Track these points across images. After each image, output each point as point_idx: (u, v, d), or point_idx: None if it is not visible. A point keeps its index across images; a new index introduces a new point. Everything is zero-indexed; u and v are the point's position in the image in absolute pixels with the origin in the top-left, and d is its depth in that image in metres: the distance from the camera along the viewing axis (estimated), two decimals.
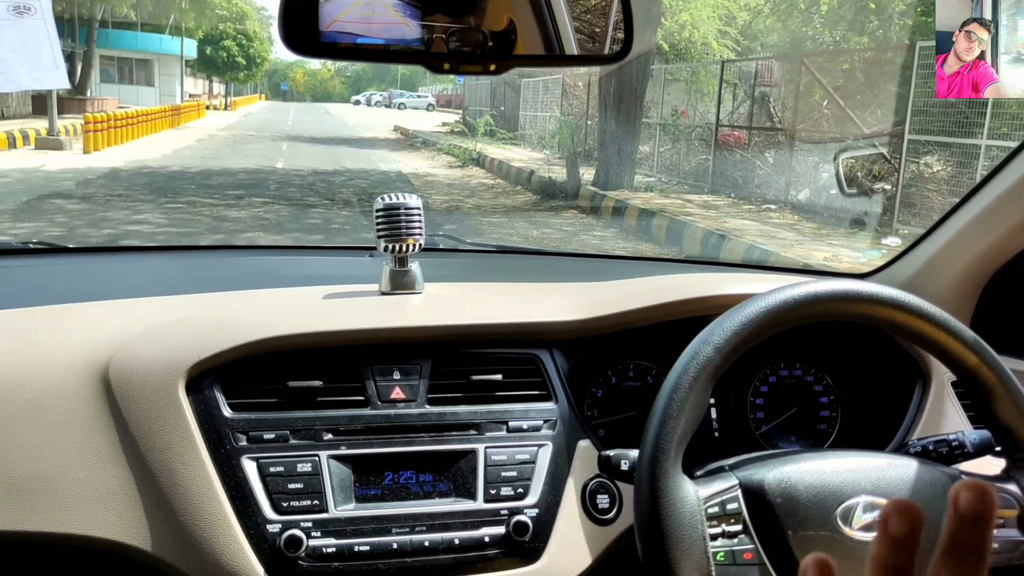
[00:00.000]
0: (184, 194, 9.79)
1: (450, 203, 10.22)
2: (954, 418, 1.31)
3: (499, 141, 17.15)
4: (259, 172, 12.38)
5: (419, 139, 20.25)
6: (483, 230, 8.31)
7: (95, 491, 1.06)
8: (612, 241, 8.14)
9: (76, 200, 8.96)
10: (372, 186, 11.47)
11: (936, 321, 1.00)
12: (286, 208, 9.05)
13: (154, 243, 6.80)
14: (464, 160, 15.12)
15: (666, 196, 10.02)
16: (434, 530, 1.10)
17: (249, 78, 42.65)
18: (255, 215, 8.46)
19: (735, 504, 0.97)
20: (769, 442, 1.40)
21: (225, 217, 8.26)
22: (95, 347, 1.15)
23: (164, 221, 7.91)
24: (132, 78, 32.74)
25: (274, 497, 1.07)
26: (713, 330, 0.97)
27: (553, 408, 1.21)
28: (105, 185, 10.33)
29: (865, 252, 6.58)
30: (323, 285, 1.36)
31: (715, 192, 10.22)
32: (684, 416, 0.94)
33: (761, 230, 7.66)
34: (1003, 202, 1.31)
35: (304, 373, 1.15)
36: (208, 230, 7.52)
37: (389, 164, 14.67)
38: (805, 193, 8.83)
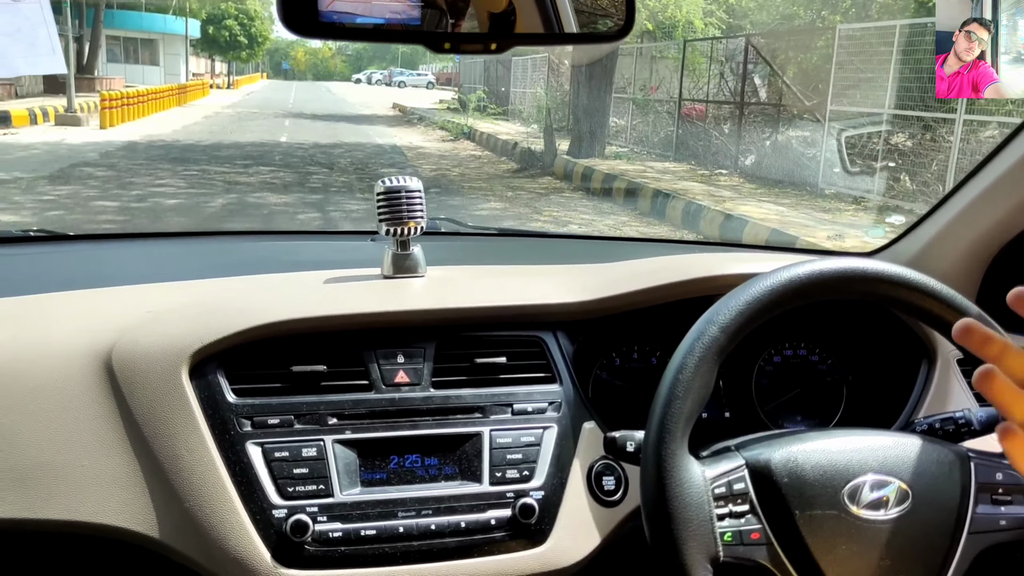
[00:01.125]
0: (198, 163, 10.94)
1: (438, 172, 11.36)
2: (960, 396, 1.30)
3: (489, 116, 18.27)
4: (264, 145, 13.51)
5: (416, 115, 21.30)
6: (463, 192, 9.47)
7: (99, 478, 1.07)
8: (577, 201, 9.29)
9: (103, 168, 10.13)
10: (367, 156, 12.61)
11: (941, 298, 1.00)
12: (290, 175, 10.21)
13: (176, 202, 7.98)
14: (456, 134, 16.24)
15: (631, 163, 11.19)
16: (440, 513, 1.10)
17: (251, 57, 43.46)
18: (263, 180, 9.64)
19: (742, 484, 0.97)
20: (775, 422, 1.40)
21: (236, 182, 9.43)
22: (98, 334, 1.15)
23: (184, 184, 9.09)
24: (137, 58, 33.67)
25: (279, 482, 1.07)
26: (718, 310, 0.97)
27: (558, 390, 1.21)
28: (125, 156, 11.47)
29: (869, 231, 6.69)
30: (325, 270, 1.36)
31: (677, 160, 11.37)
32: (690, 396, 0.94)
33: (704, 190, 8.82)
34: (1008, 179, 1.31)
35: (308, 358, 1.15)
36: (223, 192, 8.69)
37: (385, 138, 15.77)
38: (752, 159, 9.98)
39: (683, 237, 7.23)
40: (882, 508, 0.96)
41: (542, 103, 14.51)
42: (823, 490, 0.96)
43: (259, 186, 9.18)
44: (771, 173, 9.53)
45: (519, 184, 10.33)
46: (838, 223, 7.36)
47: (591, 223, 7.90)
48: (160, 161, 11.04)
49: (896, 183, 8.13)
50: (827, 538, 0.95)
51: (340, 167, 11.19)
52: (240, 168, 10.59)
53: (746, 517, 0.95)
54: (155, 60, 34.31)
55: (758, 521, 0.95)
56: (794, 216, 7.56)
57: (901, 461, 0.99)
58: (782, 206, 8.06)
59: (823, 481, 0.96)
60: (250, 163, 11.07)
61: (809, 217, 7.55)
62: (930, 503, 0.98)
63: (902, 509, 0.97)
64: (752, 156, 9.95)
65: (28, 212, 7.24)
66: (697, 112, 11.50)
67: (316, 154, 12.53)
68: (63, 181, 8.98)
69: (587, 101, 11.59)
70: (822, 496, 0.96)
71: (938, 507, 0.98)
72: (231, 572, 1.04)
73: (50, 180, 8.98)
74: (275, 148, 13.17)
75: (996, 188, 1.33)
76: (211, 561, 1.05)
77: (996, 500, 0.99)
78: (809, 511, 0.95)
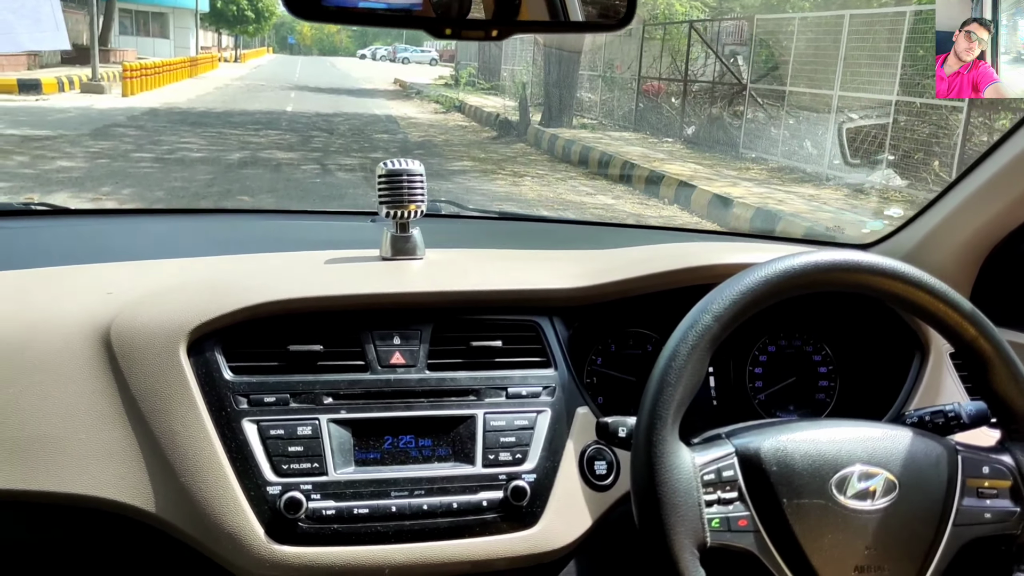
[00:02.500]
0: (214, 127, 12.64)
1: (425, 138, 13.05)
2: (951, 389, 1.32)
3: (479, 91, 19.94)
4: (272, 113, 15.20)
5: (414, 90, 22.92)
6: (443, 154, 11.17)
7: (96, 451, 1.08)
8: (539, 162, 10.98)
9: (133, 128, 11.84)
10: (364, 124, 14.29)
11: (935, 293, 1.01)
12: (295, 137, 11.90)
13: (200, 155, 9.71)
14: (448, 107, 17.91)
15: (593, 133, 12.89)
16: (433, 494, 1.12)
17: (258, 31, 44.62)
18: (271, 140, 11.35)
19: (731, 471, 0.97)
20: (767, 411, 1.43)
21: (248, 141, 11.14)
22: (97, 309, 1.17)
23: (204, 143, 10.80)
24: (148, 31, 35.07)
25: (274, 460, 1.09)
26: (713, 298, 0.98)
27: (552, 375, 1.22)
28: (149, 120, 13.17)
29: (868, 223, 6.93)
30: (325, 250, 1.38)
31: (635, 131, 13.06)
32: (682, 383, 0.95)
33: (644, 154, 10.52)
34: (1004, 176, 1.33)
35: (305, 337, 1.16)
36: (238, 149, 10.39)
37: (382, 110, 17.42)
38: (692, 129, 11.70)
39: (643, 200, 8.92)
40: (869, 498, 0.98)
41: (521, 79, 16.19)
42: (811, 479, 0.97)
43: (268, 145, 10.90)
44: (705, 141, 11.26)
45: (493, 149, 12.03)
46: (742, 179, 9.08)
47: (543, 176, 9.61)
48: (181, 124, 12.74)
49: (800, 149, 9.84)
50: (814, 527, 0.97)
51: (339, 132, 12.88)
52: (251, 131, 12.29)
53: (734, 504, 0.96)
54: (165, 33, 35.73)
55: (746, 508, 0.96)
56: (705, 172, 9.26)
57: (889, 453, 1.00)
58: (701, 166, 9.76)
59: (811, 470, 0.98)
60: (260, 127, 12.77)
61: (718, 175, 9.26)
62: (916, 495, 1.00)
63: (889, 500, 0.98)
64: (693, 127, 11.67)
65: (81, 159, 8.96)
66: (654, 89, 13.17)
67: (318, 121, 14.21)
68: (102, 138, 10.69)
69: (557, 77, 13.32)
70: (810, 485, 0.97)
71: (924, 499, 1.00)
72: (225, 547, 1.06)
73: (91, 136, 10.70)
74: (281, 116, 14.86)
75: (992, 185, 1.35)
76: (205, 536, 1.06)
77: (982, 494, 1.02)
78: (797, 499, 0.97)
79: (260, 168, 9.00)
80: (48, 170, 8.18)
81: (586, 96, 15.47)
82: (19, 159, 8.67)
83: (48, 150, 9.34)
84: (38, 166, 8.36)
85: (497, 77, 21.04)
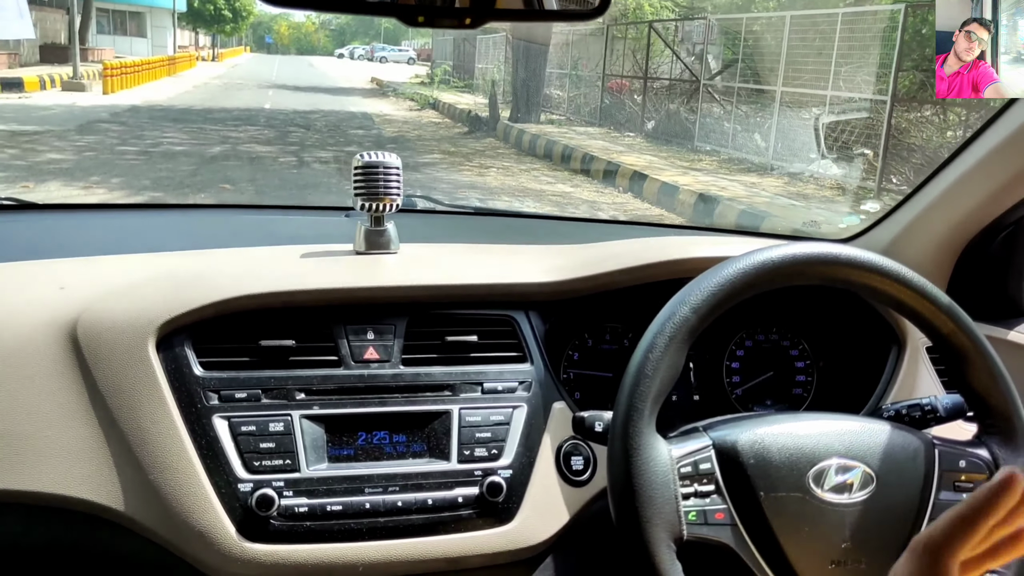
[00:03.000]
0: (195, 123, 13.16)
1: (399, 133, 13.64)
2: (928, 383, 1.34)
3: (453, 89, 20.56)
4: (250, 110, 15.72)
5: (391, 88, 23.49)
6: (415, 148, 11.77)
7: (63, 449, 1.07)
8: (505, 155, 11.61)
9: (116, 124, 12.34)
10: (340, 120, 14.86)
11: (912, 286, 1.02)
12: (273, 132, 12.46)
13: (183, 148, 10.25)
14: (423, 104, 18.50)
15: (559, 128, 13.57)
16: (407, 490, 1.11)
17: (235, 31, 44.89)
18: (251, 135, 11.90)
19: (708, 464, 0.98)
20: (745, 406, 1.43)
21: (228, 136, 11.68)
22: (63, 305, 1.15)
23: (186, 137, 11.33)
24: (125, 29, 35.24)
25: (245, 456, 1.08)
26: (690, 290, 0.98)
27: (528, 370, 1.22)
28: (131, 116, 13.66)
29: (845, 218, 7.03)
30: (298, 244, 1.37)
31: (600, 126, 13.74)
32: (659, 376, 0.95)
33: (604, 147, 11.19)
34: (979, 170, 1.35)
35: (277, 332, 1.16)
36: (219, 143, 10.94)
37: (358, 107, 17.96)
38: (652, 124, 12.40)
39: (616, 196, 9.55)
40: (846, 492, 0.99)
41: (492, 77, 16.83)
42: (788, 472, 0.98)
43: (247, 140, 11.45)
44: (663, 135, 11.96)
45: (463, 143, 12.65)
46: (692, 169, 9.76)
47: (508, 168, 10.24)
48: (162, 120, 13.25)
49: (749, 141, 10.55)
50: (791, 520, 0.97)
51: (316, 128, 13.44)
52: (231, 126, 12.83)
53: (711, 497, 0.96)
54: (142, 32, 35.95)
55: (723, 501, 0.96)
56: (660, 164, 9.93)
57: (866, 446, 1.01)
58: (657, 158, 10.44)
59: (789, 464, 0.98)
60: (239, 123, 13.31)
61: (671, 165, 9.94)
62: (894, 488, 1.00)
63: (866, 493, 0.99)
64: (653, 122, 12.36)
65: (69, 152, 9.48)
66: (618, 86, 13.86)
67: (296, 118, 14.75)
68: (88, 133, 11.20)
69: (525, 75, 13.97)
70: (787, 478, 0.97)
71: (901, 492, 1.01)
72: (195, 546, 1.05)
73: (77, 131, 11.21)
74: (260, 113, 15.39)
75: (968, 179, 1.36)
76: (175, 534, 1.05)
77: (958, 487, 1.03)
78: (774, 493, 0.97)
79: (240, 160, 9.56)
80: (39, 162, 8.71)
81: (555, 93, 16.14)
82: (10, 152, 9.19)
83: (37, 144, 9.86)
84: (29, 159, 8.88)
85: (471, 75, 21.66)
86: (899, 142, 8.41)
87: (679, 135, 11.65)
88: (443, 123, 15.69)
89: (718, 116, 11.25)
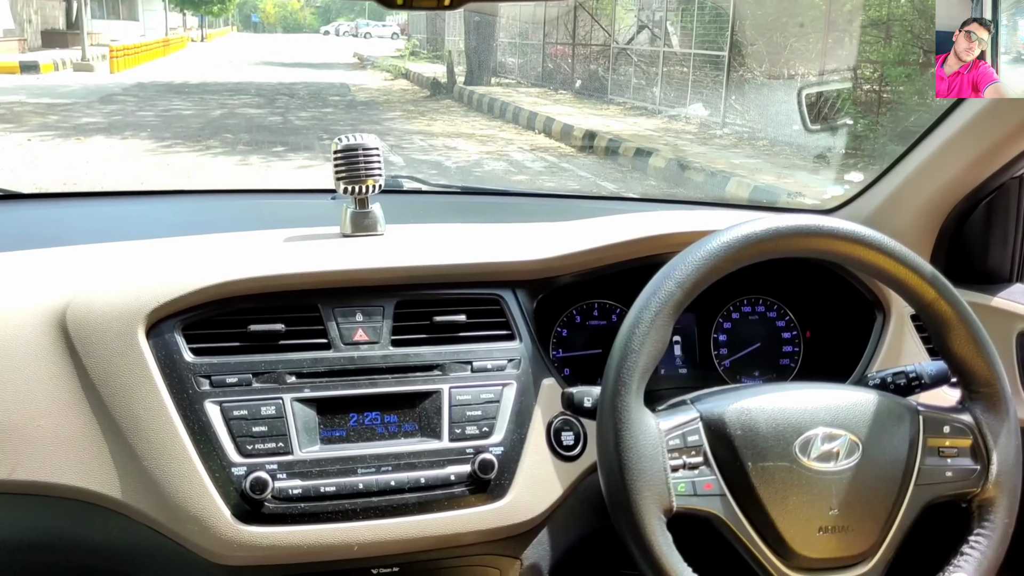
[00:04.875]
0: (196, 94, 15.70)
1: (369, 98, 16.16)
2: (912, 351, 1.37)
3: (422, 59, 23.10)
4: (242, 83, 18.18)
5: (370, 62, 25.94)
6: (380, 108, 14.33)
7: (56, 438, 1.10)
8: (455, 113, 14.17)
9: (130, 96, 14.87)
10: (320, 89, 17.37)
11: (895, 255, 1.05)
12: (262, 99, 15.00)
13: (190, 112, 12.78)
14: (396, 74, 21.01)
15: (505, 89, 16.17)
16: (400, 469, 1.14)
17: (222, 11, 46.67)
18: (244, 102, 14.45)
19: (696, 437, 1.01)
20: (733, 377, 1.48)
21: (225, 103, 14.22)
22: (52, 293, 1.17)
23: (190, 104, 13.88)
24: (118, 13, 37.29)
25: (238, 440, 1.11)
26: (675, 265, 1.01)
27: (518, 347, 1.25)
28: (140, 90, 16.16)
29: (829, 188, 7.23)
30: (284, 228, 1.40)
31: (541, 87, 16.38)
32: (645, 350, 0.99)
33: (535, 102, 13.82)
34: (959, 139, 1.38)
35: (266, 317, 1.18)
36: (217, 107, 13.47)
37: (338, 79, 20.34)
38: (579, 83, 15.05)
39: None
40: (832, 460, 1.02)
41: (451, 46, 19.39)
42: (775, 442, 1.01)
43: (241, 105, 14.02)
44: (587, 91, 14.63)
45: (423, 104, 15.24)
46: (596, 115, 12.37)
47: (452, 120, 12.83)
48: (167, 93, 15.78)
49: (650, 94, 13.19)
50: (779, 489, 1.01)
51: (299, 96, 15.97)
52: (227, 96, 15.37)
53: (700, 469, 1.00)
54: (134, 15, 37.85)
55: (711, 473, 1.00)
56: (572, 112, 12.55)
57: (852, 414, 1.05)
58: (573, 108, 13.08)
59: (775, 434, 1.02)
60: (233, 93, 15.85)
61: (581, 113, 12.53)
62: (879, 455, 1.04)
63: (852, 461, 1.03)
64: (580, 81, 15.03)
65: (99, 116, 12.03)
66: (558, 52, 16.47)
67: (281, 88, 17.23)
68: (108, 103, 13.75)
69: (476, 43, 16.61)
70: (774, 448, 1.01)
71: (887, 459, 1.04)
72: (191, 530, 1.08)
73: (100, 102, 13.77)
74: (250, 85, 17.87)
75: (948, 148, 1.40)
76: (171, 519, 1.08)
77: (943, 453, 1.07)
78: (761, 463, 1.00)
79: (237, 119, 12.13)
80: (79, 124, 11.27)
81: (509, 60, 18.77)
82: (54, 118, 11.74)
83: (72, 111, 12.41)
84: (70, 122, 11.44)
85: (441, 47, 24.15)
86: (736, 94, 11.03)
87: (598, 91, 14.33)
88: (411, 90, 18.20)
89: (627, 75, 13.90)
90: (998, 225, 1.51)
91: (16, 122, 11.08)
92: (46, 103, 13.20)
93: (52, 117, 11.81)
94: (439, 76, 18.14)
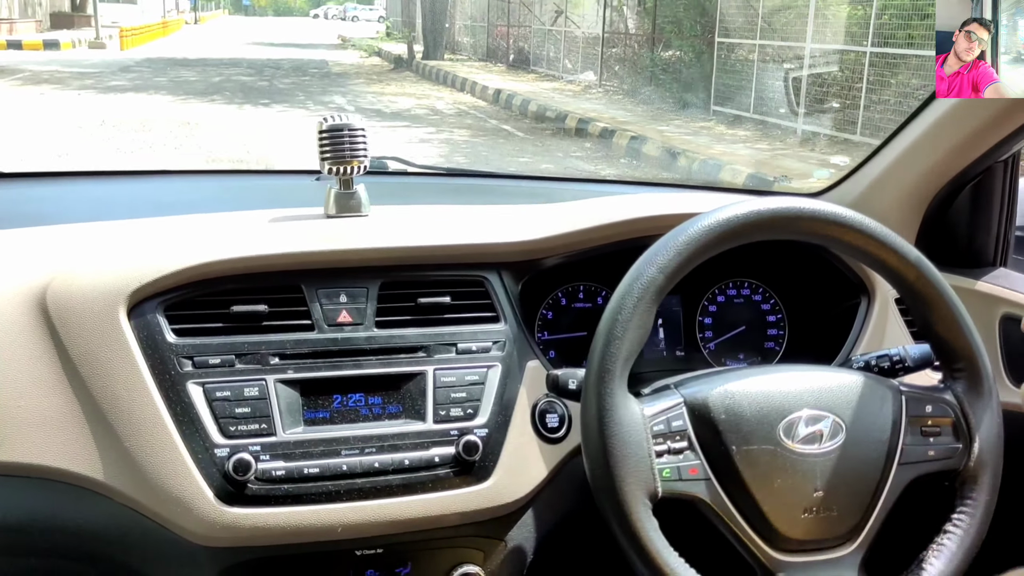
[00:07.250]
0: (196, 66, 19.29)
1: (342, 72, 19.66)
2: (896, 334, 1.40)
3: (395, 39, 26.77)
4: (235, 59, 21.76)
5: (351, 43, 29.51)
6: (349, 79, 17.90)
7: (38, 419, 1.11)
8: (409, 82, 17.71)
9: (144, 68, 18.41)
10: (302, 64, 20.90)
11: (878, 238, 1.07)
12: (253, 70, 18.57)
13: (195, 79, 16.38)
14: (370, 52, 24.63)
15: (454, 63, 19.87)
16: (384, 451, 1.16)
17: None
18: (237, 72, 18.03)
19: (680, 422, 1.03)
20: (717, 361, 1.50)
21: (222, 72, 17.76)
22: (32, 274, 1.18)
23: (193, 74, 17.42)
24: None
25: (221, 422, 1.12)
26: (657, 250, 1.03)
27: (502, 329, 1.26)
28: (151, 63, 19.72)
29: (815, 172, 7.56)
30: (268, 208, 1.41)
31: (485, 61, 20.09)
32: (628, 336, 1.00)
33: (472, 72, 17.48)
34: (944, 124, 1.41)
35: (249, 297, 1.19)
36: (216, 75, 17.08)
37: (320, 56, 23.91)
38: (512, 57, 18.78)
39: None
40: (816, 442, 1.05)
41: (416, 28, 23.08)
42: (759, 426, 1.03)
43: (236, 74, 17.61)
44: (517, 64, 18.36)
45: (386, 75, 18.85)
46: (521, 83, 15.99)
47: (403, 86, 16.43)
48: (173, 65, 19.34)
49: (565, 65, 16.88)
50: (763, 472, 1.03)
51: (284, 69, 19.59)
52: (223, 68, 18.93)
53: (684, 453, 1.02)
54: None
55: (696, 457, 1.02)
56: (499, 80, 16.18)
57: (835, 396, 1.07)
58: (501, 77, 16.76)
59: (759, 417, 1.04)
60: (228, 66, 19.43)
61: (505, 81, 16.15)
62: (863, 436, 1.06)
63: (836, 442, 1.05)
64: (512, 55, 18.76)
65: (125, 81, 15.59)
66: (500, 32, 20.18)
67: (269, 63, 20.84)
68: (127, 72, 17.34)
69: (431, 22, 20.35)
70: (758, 431, 1.03)
71: (870, 440, 1.06)
72: (174, 511, 1.09)
73: (120, 72, 17.36)
74: (242, 60, 21.45)
75: (934, 132, 1.42)
76: (154, 501, 1.09)
77: (925, 432, 1.09)
78: (746, 446, 1.02)
79: (233, 84, 15.78)
80: (110, 86, 14.84)
81: (464, 39, 22.48)
82: (88, 82, 15.35)
83: (101, 78, 16.00)
84: (102, 84, 15.06)
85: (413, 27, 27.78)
86: None
87: (526, 63, 18.09)
88: (381, 65, 21.75)
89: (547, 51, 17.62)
90: (983, 209, 1.54)
91: (62, 83, 14.70)
92: (79, 72, 16.85)
93: (88, 81, 15.45)
94: (403, 54, 21.79)
